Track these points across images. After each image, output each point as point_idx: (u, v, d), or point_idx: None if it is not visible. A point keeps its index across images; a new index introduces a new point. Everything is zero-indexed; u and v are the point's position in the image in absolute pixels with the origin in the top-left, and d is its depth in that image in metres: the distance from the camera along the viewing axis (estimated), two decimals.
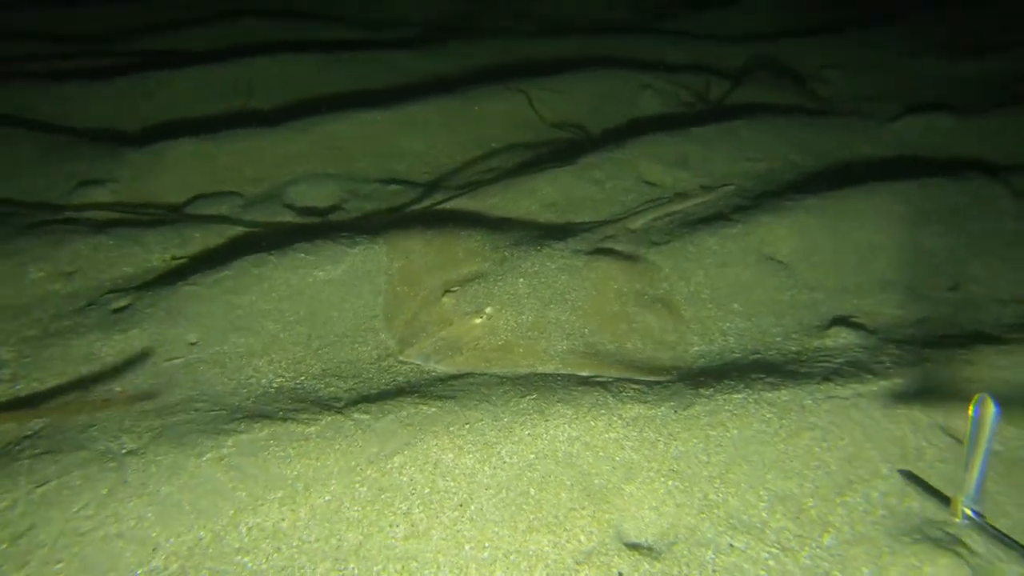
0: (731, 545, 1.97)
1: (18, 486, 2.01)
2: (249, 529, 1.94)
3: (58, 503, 1.96)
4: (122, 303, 2.80)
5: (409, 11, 7.14)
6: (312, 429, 2.17)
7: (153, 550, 1.89)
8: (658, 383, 2.47)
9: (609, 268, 2.97)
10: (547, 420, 2.22)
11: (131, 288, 2.91)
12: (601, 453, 2.17)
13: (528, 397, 2.31)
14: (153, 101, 4.66)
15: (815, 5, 7.80)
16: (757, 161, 4.16)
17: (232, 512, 1.97)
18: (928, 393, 2.39)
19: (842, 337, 2.75)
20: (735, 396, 2.34)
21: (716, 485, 2.11)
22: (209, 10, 6.40)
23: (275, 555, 1.90)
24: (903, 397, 2.36)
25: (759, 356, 2.69)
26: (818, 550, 1.97)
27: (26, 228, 3.22)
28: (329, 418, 2.21)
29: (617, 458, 2.16)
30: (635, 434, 2.21)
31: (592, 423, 2.23)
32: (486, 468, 2.10)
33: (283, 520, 1.96)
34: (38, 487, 2.00)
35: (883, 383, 2.41)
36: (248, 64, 4.86)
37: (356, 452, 2.11)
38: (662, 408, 2.29)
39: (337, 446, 2.12)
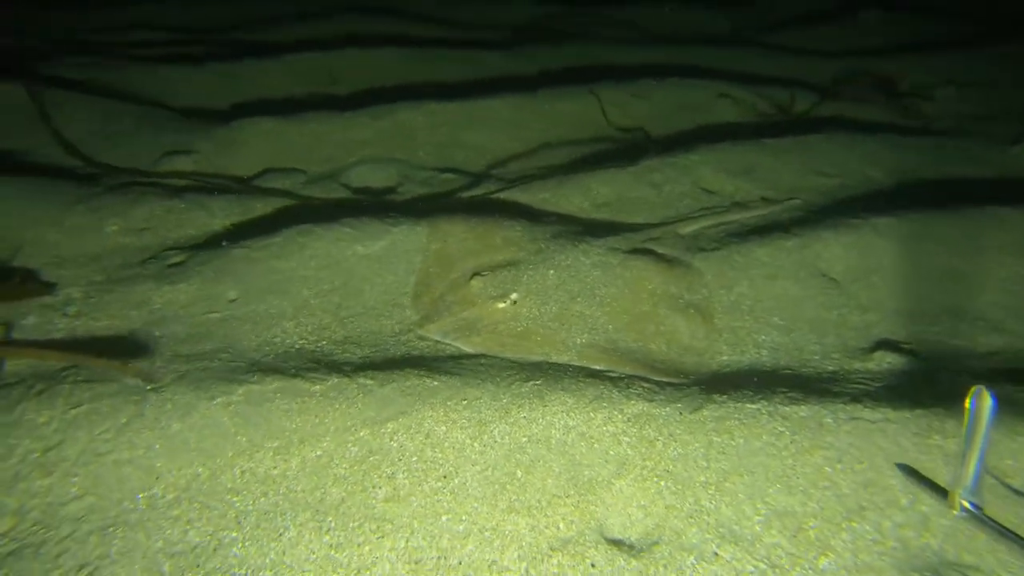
0: (715, 553, 1.88)
1: (55, 406, 2.19)
2: (242, 472, 2.03)
3: (85, 425, 2.12)
4: (178, 259, 3.00)
5: (509, 15, 7.28)
6: (318, 388, 2.25)
7: (156, 478, 2.01)
8: (672, 385, 2.40)
9: (646, 268, 2.91)
10: (545, 406, 2.20)
11: (189, 247, 3.11)
12: (596, 445, 2.13)
13: (532, 382, 2.29)
14: (247, 84, 4.97)
15: (945, 20, 7.37)
16: (830, 177, 3.96)
17: (231, 454, 2.06)
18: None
19: (887, 361, 2.57)
20: (749, 406, 2.24)
21: (711, 492, 2.02)
22: (318, 7, 6.78)
23: (261, 499, 1.97)
24: (942, 429, 2.18)
25: (790, 372, 2.55)
26: (811, 572, 1.85)
27: (113, 188, 3.51)
28: (336, 380, 2.28)
29: (611, 452, 2.11)
30: (635, 431, 2.16)
31: (592, 414, 2.19)
32: (476, 444, 2.11)
33: (275, 468, 2.04)
34: (72, 409, 2.17)
35: (919, 411, 2.23)
36: (337, 54, 5.10)
37: (354, 414, 2.17)
38: (667, 408, 2.22)
39: (337, 406, 2.19)
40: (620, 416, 2.19)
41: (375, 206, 3.41)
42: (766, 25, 7.46)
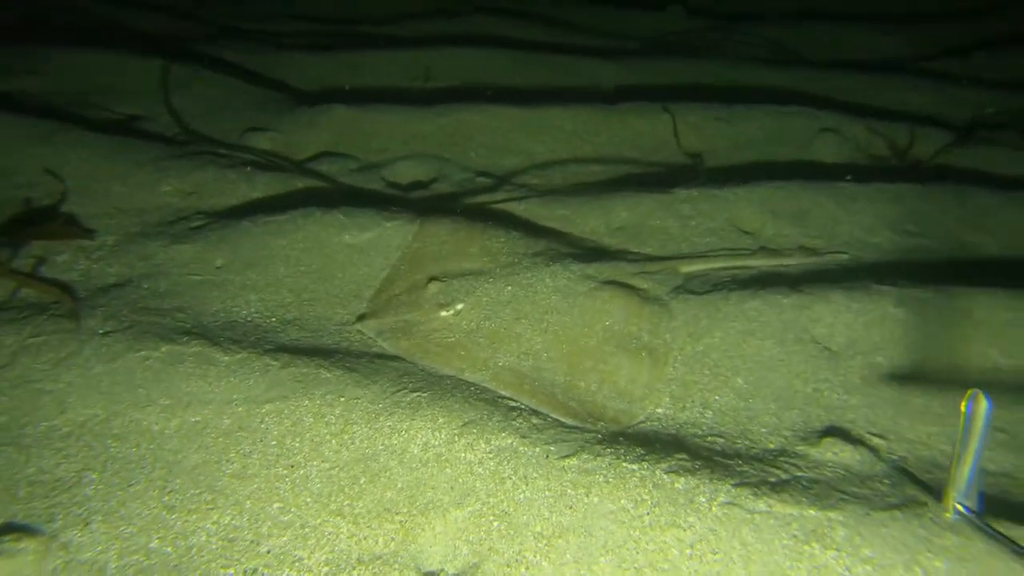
0: None
1: (22, 332, 2.53)
2: (130, 422, 2.23)
3: (33, 353, 2.44)
4: (199, 223, 3.31)
5: (653, 26, 7.09)
6: (227, 359, 2.40)
7: (62, 412, 2.27)
8: (574, 427, 2.26)
9: (611, 301, 2.75)
10: (414, 419, 2.17)
11: (216, 214, 3.42)
12: (448, 470, 2.07)
13: (417, 393, 2.28)
14: (358, 73, 5.31)
15: None
16: (910, 235, 3.47)
17: (127, 404, 2.27)
18: (882, 544, 1.86)
19: (835, 451, 2.23)
20: (626, 465, 2.06)
21: (540, 545, 1.90)
22: (459, 6, 7.04)
23: (133, 449, 2.16)
24: (825, 539, 1.86)
25: (721, 441, 2.30)
26: None
27: (187, 155, 3.93)
28: (246, 354, 2.42)
29: (460, 480, 2.05)
30: (491, 464, 2.07)
31: (456, 438, 2.13)
32: (334, 442, 2.14)
33: (156, 424, 2.22)
34: (31, 337, 2.51)
35: (813, 513, 1.92)
36: (439, 52, 5.29)
37: (243, 389, 2.29)
38: (537, 448, 2.11)
39: (232, 379, 2.32)
40: (484, 446, 2.11)
41: (385, 199, 3.53)
42: (948, 49, 6.61)
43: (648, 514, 1.93)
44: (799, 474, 2.12)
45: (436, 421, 2.17)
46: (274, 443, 2.15)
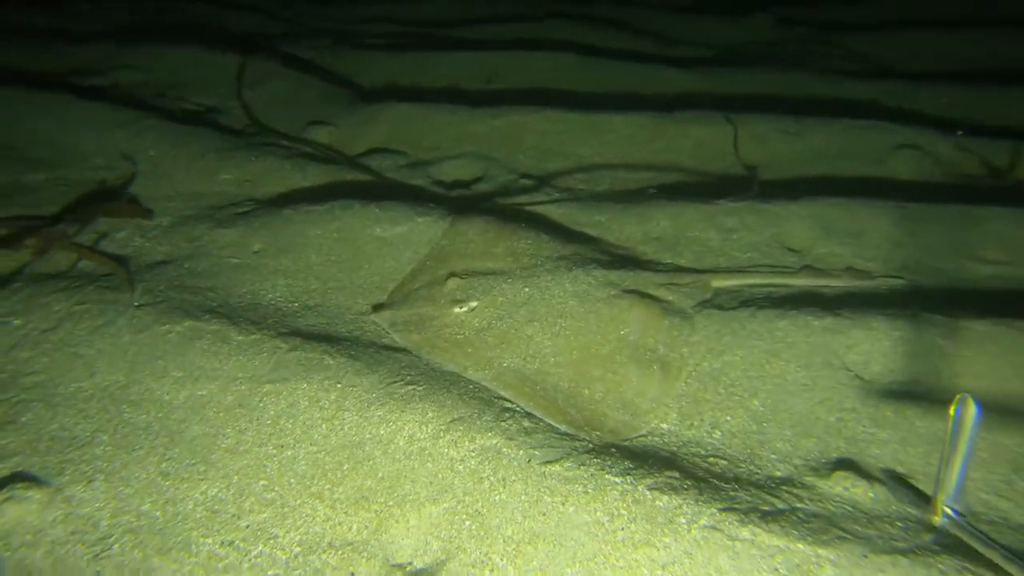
0: None
1: (71, 300, 2.71)
2: (145, 390, 2.35)
3: (76, 319, 2.62)
4: (246, 210, 3.46)
5: (739, 34, 6.89)
6: (241, 338, 2.48)
7: (91, 376, 2.42)
8: (567, 435, 2.20)
9: (629, 310, 2.66)
10: (404, 412, 2.18)
11: (264, 201, 3.56)
12: (430, 464, 2.06)
13: (413, 387, 2.28)
14: (427, 73, 5.41)
15: None
16: (989, 263, 3.19)
17: (146, 373, 2.39)
18: None
19: (848, 487, 2.07)
20: (609, 477, 1.99)
21: (508, 549, 1.86)
22: (533, 10, 7.07)
23: (143, 415, 2.27)
24: (811, 573, 1.74)
25: (723, 464, 2.18)
26: None
27: (247, 145, 4.12)
28: (259, 335, 2.50)
29: (440, 476, 2.04)
30: (473, 463, 2.05)
31: (442, 434, 2.12)
32: (324, 427, 2.18)
33: (167, 395, 2.33)
34: (77, 305, 2.69)
35: (802, 547, 1.79)
36: (505, 55, 5.32)
37: (249, 368, 2.37)
38: (521, 452, 2.07)
39: (242, 357, 2.40)
40: (468, 444, 2.09)
41: (418, 195, 3.56)
42: None
43: (623, 529, 1.86)
44: (799, 506, 1.98)
45: (425, 415, 2.17)
46: (269, 422, 2.21)
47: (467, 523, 1.93)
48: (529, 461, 2.04)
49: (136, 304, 2.68)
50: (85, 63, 5.22)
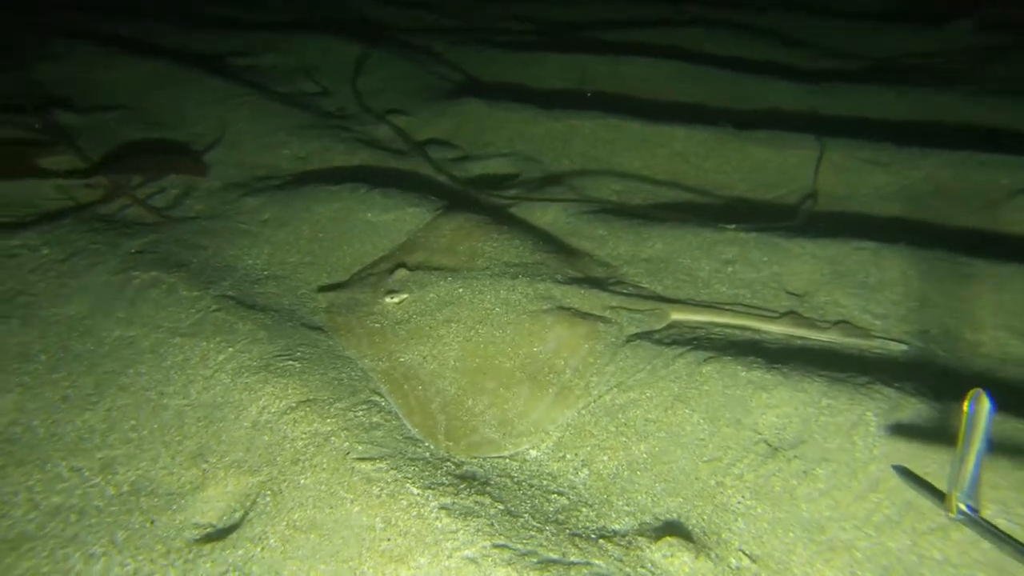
0: None
1: (85, 239, 3.14)
2: (93, 324, 2.66)
3: (83, 256, 3.02)
4: (280, 183, 3.74)
5: (924, 45, 6.11)
6: (186, 293, 2.72)
7: (65, 304, 2.79)
8: (412, 439, 2.16)
9: (551, 328, 2.52)
10: (267, 385, 2.28)
11: (302, 177, 3.83)
12: (267, 438, 2.15)
13: (294, 363, 2.37)
14: (528, 72, 5.44)
15: None
16: None
17: (100, 311, 2.71)
18: None
19: (667, 553, 1.81)
20: (411, 489, 1.92)
21: (287, 531, 1.89)
22: (680, 15, 6.78)
23: (80, 346, 2.58)
24: None
25: (561, 502, 2.01)
26: None
27: (319, 125, 4.42)
28: (202, 294, 2.72)
29: (270, 450, 2.11)
30: (300, 444, 2.09)
31: (289, 412, 2.19)
32: (200, 384, 2.35)
33: (105, 331, 2.62)
34: (89, 244, 3.10)
35: None
36: (611, 59, 5.17)
37: (174, 320, 2.61)
38: (346, 444, 2.06)
39: (175, 309, 2.65)
40: (305, 426, 2.14)
41: (429, 185, 3.61)
42: None
43: (389, 540, 1.79)
44: (595, 562, 1.77)
45: (285, 391, 2.25)
46: (163, 370, 2.41)
47: (268, 499, 1.98)
48: (348, 454, 2.03)
49: (132, 251, 3.04)
50: (242, 47, 5.90)
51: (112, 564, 1.87)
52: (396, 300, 2.67)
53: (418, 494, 1.90)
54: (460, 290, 2.68)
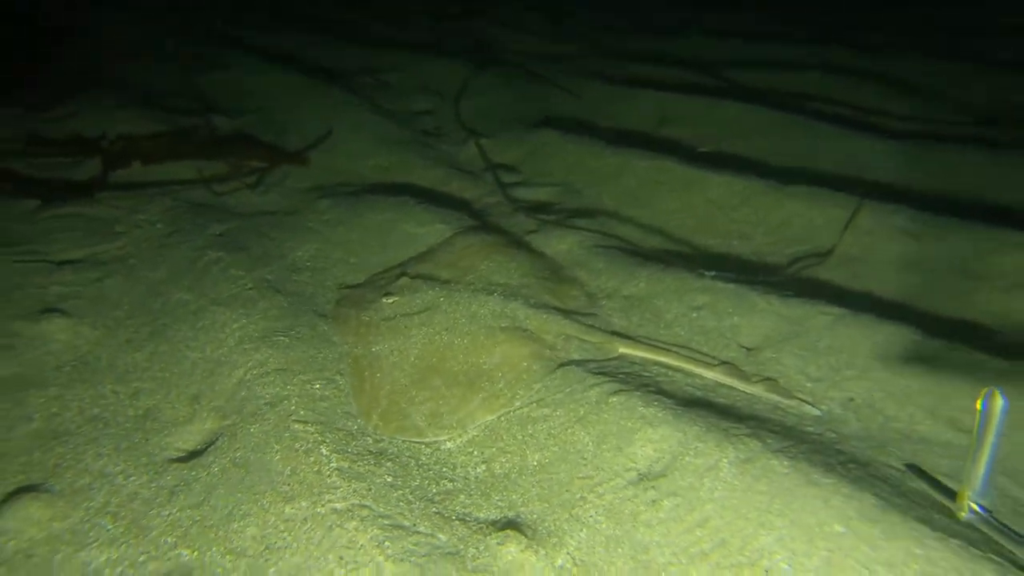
0: None
1: (189, 219, 3.95)
2: (167, 288, 3.41)
3: (181, 233, 3.82)
4: (354, 190, 4.39)
5: None
6: (234, 272, 3.39)
7: (154, 271, 3.57)
8: (349, 414, 2.64)
9: (501, 345, 2.88)
10: (257, 353, 2.85)
11: (371, 186, 4.44)
12: (243, 393, 2.71)
13: (285, 339, 2.93)
14: (611, 103, 5.75)
15: None
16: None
17: (174, 280, 3.46)
18: None
19: (502, 540, 2.13)
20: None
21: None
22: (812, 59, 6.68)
23: (154, 304, 3.32)
24: None
25: (446, 486, 2.39)
26: None
27: (407, 140, 5.05)
28: (245, 275, 3.37)
29: (234, 401, 2.67)
30: (258, 403, 2.63)
31: (266, 376, 2.73)
32: (214, 344, 2.97)
33: (173, 295, 3.35)
34: (187, 223, 3.90)
35: None
36: (699, 101, 5.34)
37: (218, 291, 3.27)
38: (286, 408, 2.58)
39: (221, 283, 3.32)
40: (264, 390, 2.67)
41: (468, 207, 4.07)
42: None
43: (288, 485, 2.28)
44: (439, 536, 2.14)
45: (268, 360, 2.81)
46: (195, 329, 3.08)
47: (225, 439, 2.54)
48: (290, 416, 2.55)
49: (216, 234, 3.80)
50: (376, 64, 6.75)
51: (110, 463, 2.53)
52: (390, 301, 3.17)
53: (325, 455, 2.38)
54: (440, 299, 3.12)
